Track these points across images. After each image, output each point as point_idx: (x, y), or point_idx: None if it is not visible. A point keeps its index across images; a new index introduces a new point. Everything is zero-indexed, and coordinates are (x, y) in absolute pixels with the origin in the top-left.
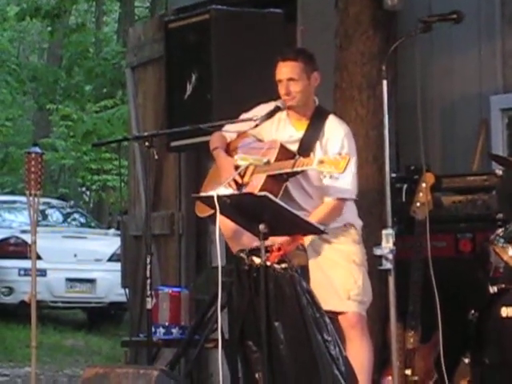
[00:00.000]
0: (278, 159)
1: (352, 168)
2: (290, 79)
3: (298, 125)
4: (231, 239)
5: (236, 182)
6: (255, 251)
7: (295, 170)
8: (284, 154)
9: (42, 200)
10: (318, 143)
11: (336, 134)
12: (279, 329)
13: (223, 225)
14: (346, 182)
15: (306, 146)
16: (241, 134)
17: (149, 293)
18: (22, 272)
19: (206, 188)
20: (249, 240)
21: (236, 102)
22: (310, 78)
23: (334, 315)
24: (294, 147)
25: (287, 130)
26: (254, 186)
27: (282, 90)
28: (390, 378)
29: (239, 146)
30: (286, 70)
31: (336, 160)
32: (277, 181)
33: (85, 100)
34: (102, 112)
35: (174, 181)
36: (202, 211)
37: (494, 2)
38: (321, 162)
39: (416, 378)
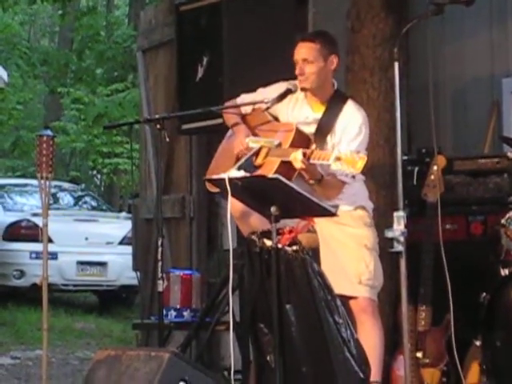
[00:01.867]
0: (293, 144)
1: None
2: (305, 60)
3: (315, 106)
4: (240, 220)
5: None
6: (266, 233)
7: (311, 162)
8: (299, 138)
9: (54, 183)
10: (334, 127)
11: (354, 120)
12: (290, 311)
13: (232, 206)
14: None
15: (324, 129)
16: (256, 110)
17: (160, 275)
18: (34, 255)
19: (217, 164)
20: (256, 221)
21: (247, 84)
22: (327, 60)
23: (344, 299)
24: (309, 128)
25: (303, 110)
26: (268, 168)
27: (297, 69)
28: (401, 357)
29: (256, 126)
30: (302, 51)
31: (353, 159)
32: (291, 165)
33: (96, 83)
34: (113, 95)
35: (186, 164)
36: (213, 187)
37: None
38: (338, 158)
39: (427, 360)
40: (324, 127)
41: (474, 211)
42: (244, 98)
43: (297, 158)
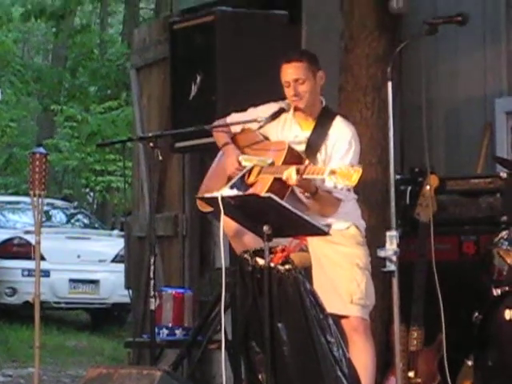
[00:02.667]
0: (285, 162)
1: None
2: (297, 80)
3: (304, 125)
4: (233, 239)
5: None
6: (259, 252)
7: (305, 177)
8: (292, 156)
9: (46, 201)
10: (323, 144)
11: (343, 135)
12: (282, 330)
13: (225, 224)
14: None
15: (313, 147)
16: (246, 129)
17: (152, 294)
18: (26, 273)
19: (209, 183)
20: (250, 240)
21: (240, 103)
22: (316, 77)
23: (336, 318)
24: (300, 147)
25: (293, 129)
26: (260, 187)
27: (290, 91)
28: (393, 378)
29: (246, 145)
30: (291, 71)
31: (348, 172)
32: (284, 183)
33: (89, 101)
34: (107, 113)
35: (178, 182)
36: (204, 206)
37: (499, 5)
38: (332, 172)
39: (419, 380)
40: (314, 145)
41: (466, 231)
42: (234, 117)
43: (291, 174)
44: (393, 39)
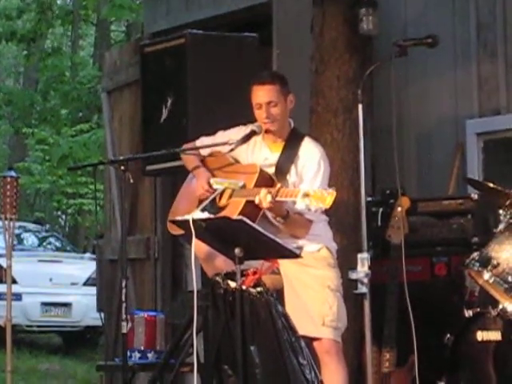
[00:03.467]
0: (257, 184)
1: None
2: (270, 103)
3: (273, 147)
4: (205, 261)
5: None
6: (231, 275)
7: (278, 199)
8: (263, 179)
9: (18, 224)
10: (293, 166)
11: (312, 156)
12: (255, 352)
13: (197, 247)
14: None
15: (282, 169)
16: (215, 152)
17: (124, 317)
18: None
19: (179, 207)
20: (222, 262)
21: (211, 126)
22: (287, 100)
23: (309, 340)
24: (270, 170)
25: (262, 152)
26: (232, 209)
27: (261, 114)
28: None
29: (217, 168)
30: (264, 94)
31: (322, 195)
32: (256, 206)
33: (61, 124)
34: (78, 136)
35: (150, 205)
36: (175, 229)
37: (470, 27)
38: (306, 195)
39: None
40: (283, 167)
41: (438, 252)
42: (203, 140)
43: (264, 197)
44: (363, 61)
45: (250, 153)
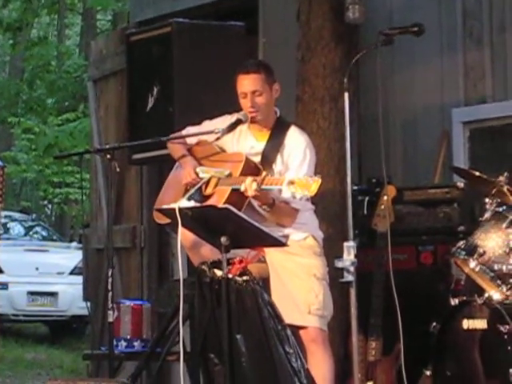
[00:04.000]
0: (243, 173)
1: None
2: (255, 92)
3: (259, 136)
4: (191, 250)
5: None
6: (217, 264)
7: (263, 187)
8: (249, 167)
9: (4, 213)
10: (279, 155)
11: (297, 145)
12: (241, 341)
13: (183, 236)
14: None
15: (268, 158)
16: (201, 141)
17: (110, 306)
18: None
19: (165, 196)
20: (208, 251)
21: (198, 114)
22: (272, 89)
23: (295, 329)
24: (256, 158)
25: (248, 141)
26: (217, 198)
27: (246, 103)
28: None
29: (203, 157)
30: (249, 83)
31: (307, 182)
32: (242, 194)
33: (47, 113)
34: (64, 125)
35: (136, 194)
36: (161, 218)
37: (456, 15)
38: (291, 182)
39: None
40: (269, 155)
41: (423, 241)
42: (190, 130)
43: (250, 185)
44: (349, 50)
45: (236, 141)
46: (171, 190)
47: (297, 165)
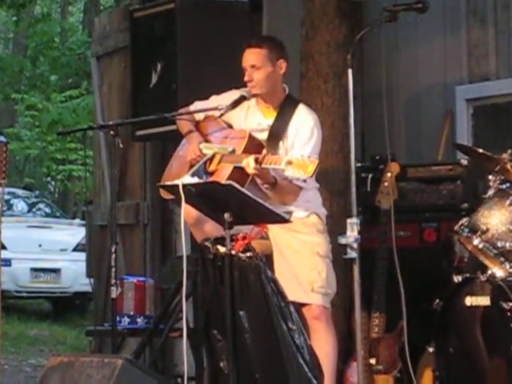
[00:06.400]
0: (245, 150)
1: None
2: (253, 66)
3: (266, 112)
4: (194, 227)
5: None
6: (220, 240)
7: (263, 166)
8: (252, 145)
9: (7, 190)
10: (286, 132)
11: (305, 123)
12: (244, 317)
13: (186, 212)
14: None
15: (276, 135)
16: (209, 117)
17: (113, 282)
18: None
19: (171, 173)
20: (211, 228)
21: (201, 91)
22: (275, 65)
23: (298, 306)
24: (263, 135)
25: (256, 117)
26: (221, 175)
27: (245, 77)
28: (354, 364)
29: (209, 133)
30: (249, 57)
31: (304, 163)
32: (244, 171)
33: (50, 90)
34: (68, 102)
35: (139, 170)
36: (167, 193)
37: None
38: (289, 162)
39: (380, 367)
40: (276, 133)
41: (427, 218)
42: (197, 105)
43: (249, 163)
44: (353, 27)
45: (243, 117)
46: (178, 166)
47: (302, 143)
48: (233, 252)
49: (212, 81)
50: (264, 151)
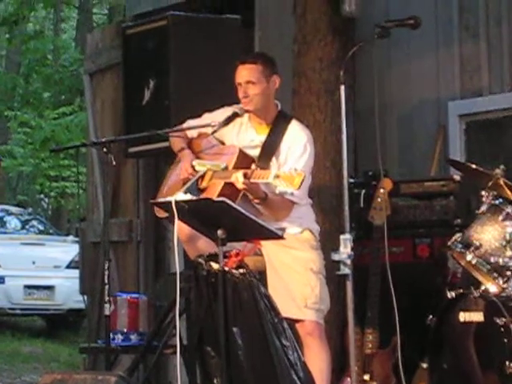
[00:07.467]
0: (236, 166)
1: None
2: (248, 82)
3: (259, 129)
4: (187, 243)
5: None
6: (213, 257)
7: (252, 181)
8: (243, 160)
9: (0, 207)
10: (278, 148)
11: (298, 139)
12: (237, 334)
13: (179, 229)
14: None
15: (268, 151)
16: (202, 134)
17: (107, 299)
18: None
19: (164, 190)
20: (204, 244)
21: (194, 108)
22: (269, 81)
23: (291, 322)
24: (255, 152)
25: (248, 134)
26: (212, 191)
27: (240, 93)
28: (348, 380)
29: (202, 150)
30: (244, 73)
31: (291, 176)
32: (234, 187)
33: (43, 107)
34: (61, 119)
35: (132, 187)
36: (161, 212)
37: (452, 8)
38: (277, 176)
39: (374, 382)
40: (268, 149)
41: (420, 234)
42: (190, 123)
43: (238, 178)
44: (345, 43)
45: (236, 134)
46: (172, 184)
47: (295, 159)
48: (226, 269)
49: (205, 97)
50: (253, 166)
